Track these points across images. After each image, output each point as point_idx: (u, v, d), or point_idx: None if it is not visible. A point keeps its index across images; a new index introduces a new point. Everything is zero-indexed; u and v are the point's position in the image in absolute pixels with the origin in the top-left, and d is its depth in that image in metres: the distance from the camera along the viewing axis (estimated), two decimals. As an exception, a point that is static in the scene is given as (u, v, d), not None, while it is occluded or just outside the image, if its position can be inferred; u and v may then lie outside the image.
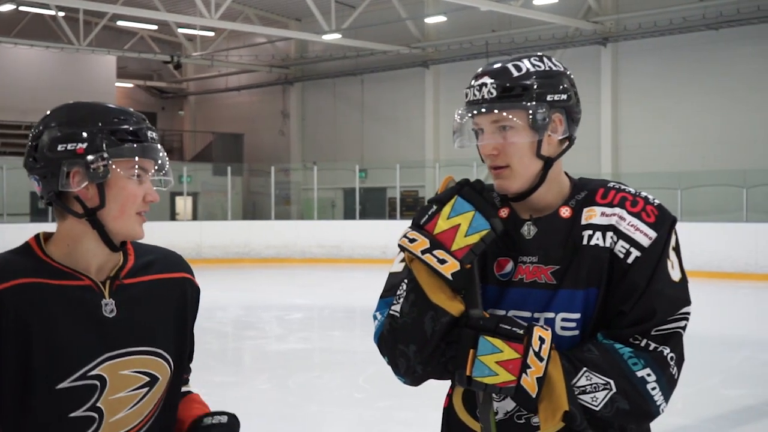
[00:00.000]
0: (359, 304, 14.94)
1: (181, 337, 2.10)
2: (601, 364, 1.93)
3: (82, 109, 1.98)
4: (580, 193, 2.10)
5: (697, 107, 21.53)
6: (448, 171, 24.89)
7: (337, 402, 7.66)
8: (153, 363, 2.01)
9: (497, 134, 2.05)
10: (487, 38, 24.93)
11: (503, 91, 2.03)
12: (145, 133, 1.97)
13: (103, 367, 1.93)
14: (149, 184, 1.98)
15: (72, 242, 1.96)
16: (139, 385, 1.98)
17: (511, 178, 2.05)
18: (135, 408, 1.99)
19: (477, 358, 1.90)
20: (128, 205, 1.94)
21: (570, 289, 2.01)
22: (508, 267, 2.09)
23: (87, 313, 1.92)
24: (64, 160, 1.90)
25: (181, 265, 2.14)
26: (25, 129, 28.81)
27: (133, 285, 2.01)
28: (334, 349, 10.45)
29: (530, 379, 1.88)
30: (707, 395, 7.69)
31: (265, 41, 30.94)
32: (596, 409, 1.92)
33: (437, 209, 1.99)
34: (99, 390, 1.93)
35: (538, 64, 2.09)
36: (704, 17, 21.23)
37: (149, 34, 31.39)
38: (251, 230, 23.41)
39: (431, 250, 1.95)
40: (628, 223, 2.02)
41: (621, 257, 2.00)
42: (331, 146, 29.84)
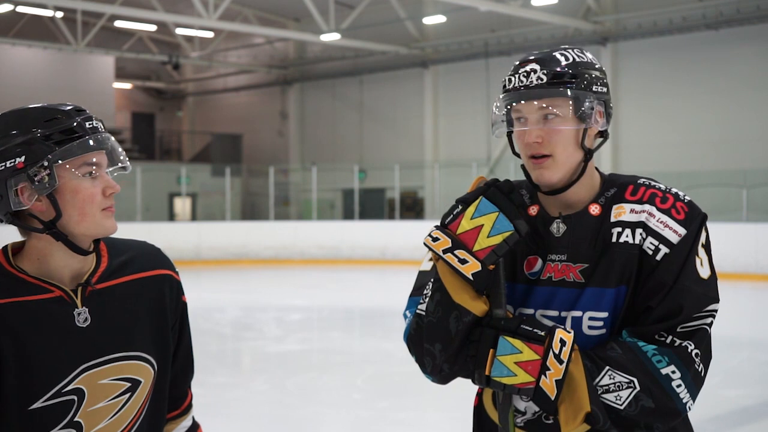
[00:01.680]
0: (358, 305, 14.91)
1: (162, 337, 2.02)
2: (624, 363, 1.92)
3: (12, 119, 1.86)
4: (610, 190, 2.08)
5: (697, 107, 21.50)
6: (447, 171, 24.96)
7: (335, 403, 7.61)
8: (133, 367, 1.94)
9: (541, 122, 2.02)
10: (487, 38, 24.90)
11: (553, 78, 2.01)
12: (82, 125, 1.87)
13: (81, 378, 1.86)
14: (105, 177, 1.89)
15: (42, 256, 1.89)
16: (120, 392, 1.92)
17: (552, 168, 2.02)
18: (116, 416, 1.92)
19: (496, 358, 1.91)
20: (87, 207, 1.86)
21: (598, 287, 2.00)
22: (537, 265, 2.08)
23: (58, 326, 1.85)
24: (8, 179, 1.81)
25: (158, 261, 2.05)
26: (24, 130, 28.76)
27: (106, 289, 1.94)
28: (332, 350, 10.39)
29: (549, 381, 1.88)
30: (706, 396, 7.61)
31: (264, 42, 30.92)
32: (620, 407, 1.90)
33: (462, 209, 1.99)
34: (77, 404, 1.86)
35: (581, 55, 2.08)
36: (704, 17, 21.20)
37: (148, 34, 31.35)
38: (250, 231, 23.37)
39: (453, 250, 1.95)
40: (658, 220, 2.00)
41: (650, 254, 1.99)
42: (330, 147, 29.81)
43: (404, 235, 21.68)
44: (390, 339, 11.35)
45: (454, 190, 24.84)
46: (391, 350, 9.79)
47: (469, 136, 25.63)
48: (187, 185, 26.90)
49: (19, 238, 1.95)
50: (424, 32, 26.62)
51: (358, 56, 27.95)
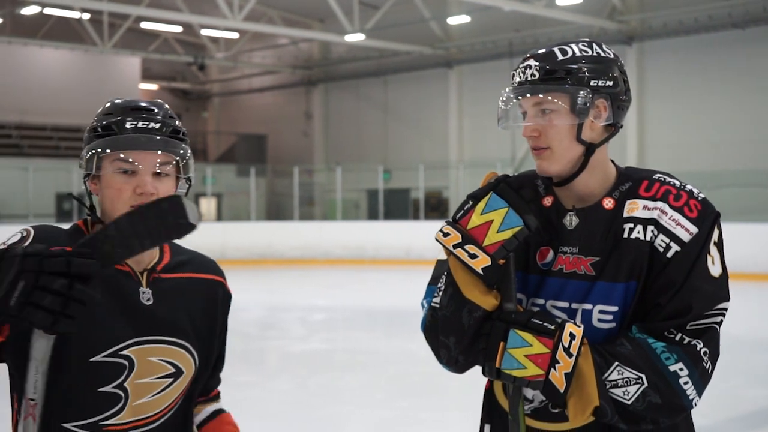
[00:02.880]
0: (382, 305, 14.91)
1: (208, 337, 2.15)
2: (633, 359, 1.95)
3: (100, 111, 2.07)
4: (625, 184, 2.10)
5: (724, 106, 21.34)
6: (471, 172, 24.91)
7: (358, 402, 7.63)
8: (179, 354, 2.05)
9: (539, 116, 2.06)
10: (511, 38, 24.85)
11: (546, 74, 2.05)
12: (121, 124, 1.98)
13: (133, 349, 1.98)
14: (142, 176, 1.98)
15: None
16: (165, 374, 2.03)
17: (550, 159, 2.06)
18: (158, 396, 2.03)
19: (506, 351, 1.94)
20: (115, 200, 1.97)
21: (609, 282, 2.02)
22: (549, 256, 2.11)
23: (125, 297, 1.99)
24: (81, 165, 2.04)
25: (214, 269, 2.21)
26: (51, 131, 29.04)
27: (168, 279, 2.08)
28: (355, 350, 10.41)
29: (558, 374, 1.91)
30: (727, 396, 7.59)
31: (289, 42, 31.00)
32: (628, 402, 1.93)
33: (472, 205, 2.02)
34: (127, 370, 1.98)
35: (585, 49, 2.09)
36: (730, 16, 21.05)
37: (173, 35, 31.55)
38: (275, 231, 23.43)
39: (463, 245, 1.98)
40: (670, 218, 2.02)
41: (661, 251, 2.01)
42: (354, 147, 29.85)
43: (429, 236, 21.46)
44: (413, 339, 11.33)
45: (478, 190, 24.79)
46: (414, 350, 9.78)
47: (494, 135, 25.56)
48: (213, 185, 27.02)
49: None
50: (449, 32, 26.60)
51: (383, 56, 27.97)
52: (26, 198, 23.16)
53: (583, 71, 2.04)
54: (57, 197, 25.49)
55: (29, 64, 29.16)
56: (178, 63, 33.06)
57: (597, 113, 2.06)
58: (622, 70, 2.12)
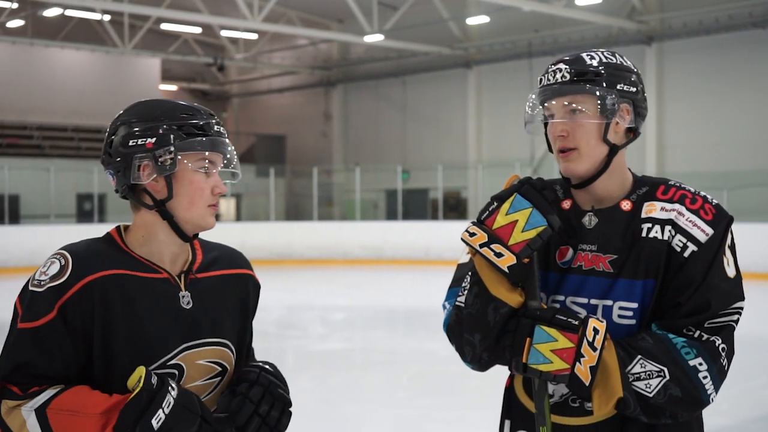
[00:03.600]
0: (401, 305, 14.95)
1: (242, 330, 2.20)
2: (655, 352, 2.02)
3: (153, 106, 2.08)
4: (642, 189, 2.19)
5: (744, 106, 21.24)
6: (490, 172, 24.90)
7: (378, 401, 7.67)
8: (223, 353, 2.11)
9: (567, 117, 2.14)
10: (530, 38, 24.82)
11: (576, 76, 2.14)
12: (212, 127, 2.07)
13: (182, 356, 2.03)
14: (217, 177, 2.08)
15: (146, 233, 2.06)
16: (213, 374, 2.09)
17: (577, 160, 2.14)
18: (209, 397, 2.09)
19: (533, 347, 2.01)
20: (196, 197, 2.04)
21: (629, 279, 2.10)
22: (568, 254, 2.19)
23: (167, 304, 2.03)
24: (135, 155, 2.01)
25: (243, 263, 2.25)
26: (72, 131, 29.23)
27: (204, 279, 2.12)
28: (376, 350, 10.46)
29: (584, 367, 1.98)
30: (751, 396, 7.58)
31: (308, 43, 31.08)
32: (649, 395, 2.00)
33: (497, 206, 2.10)
34: (177, 379, 2.01)
35: (610, 57, 2.19)
36: (751, 15, 20.95)
37: (193, 36, 31.70)
38: (294, 231, 23.49)
39: (489, 244, 2.06)
40: (687, 219, 2.11)
41: (678, 251, 2.09)
42: (373, 147, 29.89)
43: (447, 236, 21.63)
44: (433, 339, 11.37)
45: (497, 190, 24.10)
46: (435, 349, 9.82)
47: (513, 136, 25.54)
48: (232, 186, 26.95)
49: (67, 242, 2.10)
50: (468, 32, 26.60)
51: (402, 57, 27.99)
52: (48, 198, 23.31)
53: (610, 76, 2.14)
54: (78, 197, 25.67)
55: (50, 66, 29.38)
56: (197, 64, 33.21)
57: (621, 116, 2.15)
58: (641, 79, 2.23)
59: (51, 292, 1.94)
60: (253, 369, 2.06)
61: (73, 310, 1.93)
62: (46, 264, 2.00)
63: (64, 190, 24.49)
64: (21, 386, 1.93)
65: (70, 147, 28.67)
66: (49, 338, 1.93)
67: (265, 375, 2.05)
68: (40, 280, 1.97)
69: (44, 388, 1.93)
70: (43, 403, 1.90)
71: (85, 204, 25.34)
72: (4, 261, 19.80)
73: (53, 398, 1.90)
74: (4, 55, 28.31)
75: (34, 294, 1.96)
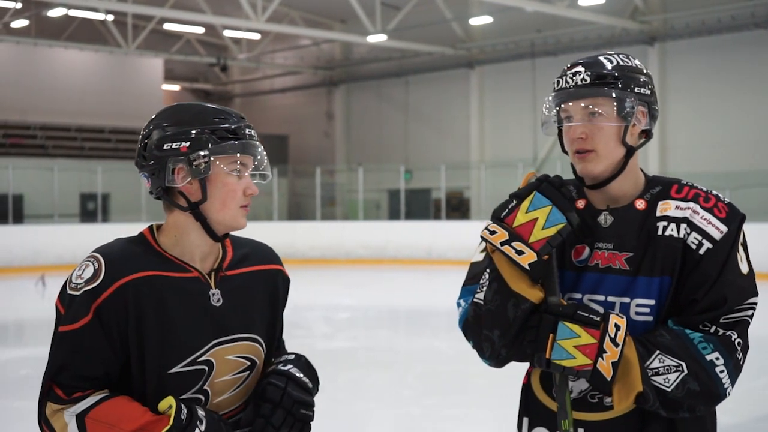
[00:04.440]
0: (405, 305, 14.99)
1: (272, 325, 2.25)
2: (673, 348, 2.06)
3: (187, 110, 2.13)
4: (655, 188, 2.23)
5: (746, 107, 21.27)
6: (492, 172, 24.93)
7: (385, 399, 7.71)
8: (252, 348, 2.17)
9: (586, 120, 2.17)
10: (533, 39, 24.86)
11: (596, 79, 2.17)
12: (243, 131, 2.12)
13: (212, 352, 2.09)
14: (249, 179, 2.13)
15: (179, 233, 2.13)
16: (242, 369, 2.15)
17: (595, 161, 2.17)
18: (238, 390, 2.15)
19: (556, 342, 2.05)
20: (229, 199, 2.10)
21: (646, 277, 2.13)
22: (585, 253, 2.22)
23: (197, 302, 2.09)
24: (169, 158, 2.07)
25: (273, 258, 2.31)
26: (75, 131, 29.27)
27: (234, 276, 2.17)
28: (381, 348, 10.50)
29: (606, 363, 2.02)
30: (756, 395, 7.62)
31: (310, 43, 31.12)
32: (668, 389, 2.04)
33: (517, 203, 2.15)
34: (207, 374, 2.08)
35: (626, 60, 2.23)
36: (753, 16, 20.98)
37: (196, 36, 31.74)
38: (296, 231, 23.52)
39: (510, 242, 2.10)
40: (701, 217, 2.14)
41: (693, 248, 2.12)
42: (375, 147, 29.93)
43: (450, 236, 21.71)
44: (438, 338, 11.43)
45: (500, 190, 24.78)
46: (441, 348, 9.87)
47: (515, 136, 25.59)
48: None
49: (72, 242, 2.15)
50: (470, 33, 26.63)
51: (404, 57, 28.03)
52: (51, 198, 23.36)
53: (628, 78, 2.18)
54: (81, 197, 25.72)
55: (54, 66, 29.42)
56: (200, 64, 33.26)
57: (638, 118, 2.19)
58: (653, 82, 2.26)
59: (87, 295, 2.01)
60: (279, 384, 2.10)
61: (108, 312, 2.01)
62: (81, 267, 2.07)
63: (67, 190, 24.53)
64: (65, 389, 2.02)
65: (73, 147, 28.72)
66: (87, 340, 2.01)
67: (290, 394, 2.09)
68: (76, 283, 2.04)
69: (87, 393, 2.01)
70: (83, 410, 1.99)
71: (89, 204, 25.40)
72: (8, 260, 19.85)
73: (93, 407, 1.99)
74: (8, 55, 28.36)
75: (72, 297, 2.04)
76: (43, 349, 2.21)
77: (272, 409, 2.07)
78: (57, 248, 20.29)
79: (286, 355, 2.21)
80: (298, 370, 2.15)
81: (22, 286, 17.20)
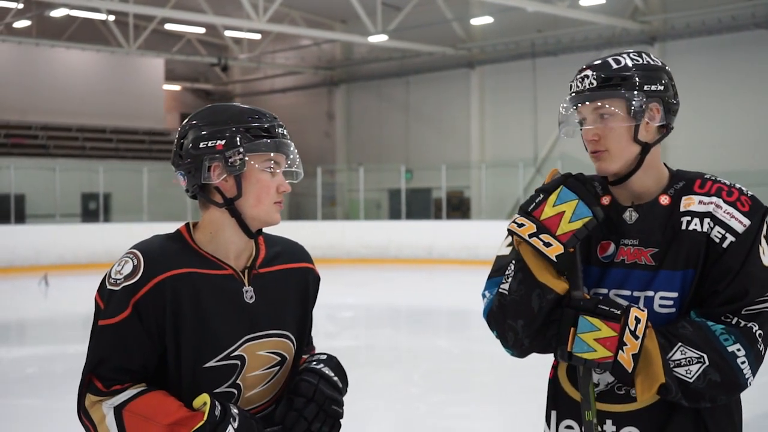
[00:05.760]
0: (407, 304, 15.04)
1: (302, 321, 2.31)
2: (694, 339, 2.10)
3: (222, 110, 2.20)
4: (678, 183, 2.27)
5: (746, 106, 21.33)
6: (493, 172, 24.98)
7: (391, 397, 7.75)
8: (283, 344, 2.23)
9: (598, 121, 2.23)
10: (533, 39, 24.91)
11: (602, 82, 2.23)
12: (276, 130, 2.20)
13: (244, 347, 2.15)
14: (281, 176, 2.20)
15: (214, 230, 2.19)
16: (272, 364, 2.21)
17: (608, 160, 2.23)
18: (268, 384, 2.22)
19: (577, 336, 2.10)
20: (263, 195, 2.16)
21: (669, 270, 2.18)
22: (611, 249, 2.27)
23: (231, 299, 2.15)
24: (206, 156, 2.14)
25: (304, 256, 2.37)
26: (76, 131, 29.32)
27: (266, 274, 2.24)
28: (386, 347, 10.55)
29: (626, 355, 2.07)
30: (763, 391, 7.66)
31: (311, 43, 31.15)
32: (690, 381, 2.08)
33: (544, 197, 2.20)
34: (239, 368, 2.15)
35: (636, 58, 2.27)
36: (753, 16, 21.04)
37: (196, 37, 31.77)
38: (297, 231, 23.23)
39: (538, 234, 2.16)
40: (725, 211, 2.18)
41: (717, 242, 2.17)
42: (376, 147, 29.97)
43: (451, 235, 21.77)
44: (440, 336, 11.49)
45: (500, 190, 24.86)
46: (444, 347, 9.93)
47: (516, 136, 25.64)
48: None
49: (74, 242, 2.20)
50: (471, 33, 26.68)
51: (405, 57, 28.07)
52: (53, 198, 23.41)
53: (636, 77, 2.22)
54: (83, 197, 25.76)
55: (55, 66, 29.46)
56: (201, 64, 33.29)
57: (651, 115, 2.24)
58: (670, 76, 2.30)
59: (126, 290, 2.08)
60: (312, 380, 2.17)
61: (147, 307, 2.07)
62: (120, 263, 2.13)
63: (69, 190, 24.58)
64: (104, 382, 2.08)
65: (74, 147, 28.76)
66: (126, 334, 2.08)
67: (322, 390, 2.16)
68: (116, 279, 2.11)
69: (126, 387, 2.08)
70: (121, 403, 2.05)
71: (90, 203, 25.44)
72: (10, 260, 19.88)
73: (131, 400, 2.05)
74: (10, 55, 28.41)
75: (112, 292, 2.10)
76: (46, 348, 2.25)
77: (305, 403, 2.14)
78: (59, 248, 20.34)
79: (319, 355, 2.27)
80: (329, 369, 2.21)
81: (24, 286, 17.25)
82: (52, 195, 23.47)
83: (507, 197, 24.72)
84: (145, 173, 23.84)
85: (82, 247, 20.41)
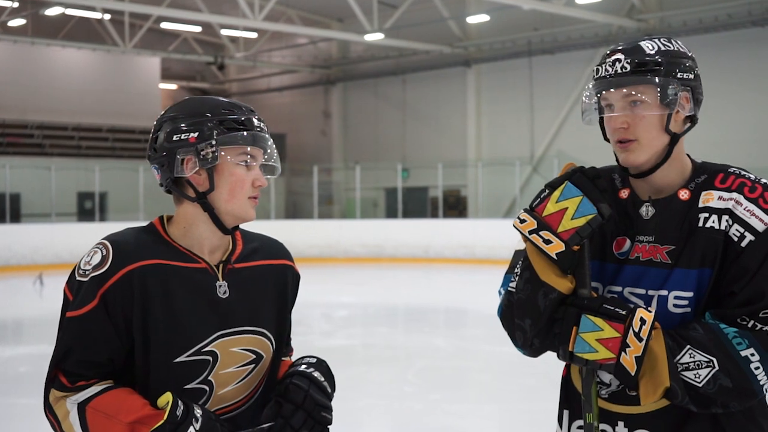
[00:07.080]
0: (404, 303, 15.02)
1: (281, 319, 2.26)
2: (704, 342, 2.00)
3: (195, 103, 2.16)
4: (701, 176, 2.18)
5: (743, 105, 21.32)
6: (489, 170, 24.97)
7: (387, 395, 7.74)
8: (258, 342, 2.17)
9: (627, 109, 2.12)
10: (530, 37, 24.89)
11: (637, 66, 2.10)
12: (252, 122, 2.14)
13: (216, 343, 2.10)
14: (258, 171, 2.15)
15: (187, 224, 2.14)
16: (246, 361, 2.15)
17: (637, 151, 2.12)
18: (242, 383, 2.16)
19: (579, 335, 2.02)
20: (237, 189, 2.11)
21: (684, 269, 2.08)
22: (626, 245, 2.18)
23: (203, 293, 2.10)
24: (178, 149, 2.09)
25: (283, 253, 2.32)
26: (72, 130, 29.26)
27: (242, 269, 2.18)
28: (382, 345, 10.53)
29: (629, 357, 1.98)
30: None
31: (307, 42, 31.12)
32: (699, 385, 1.99)
33: (548, 193, 2.11)
34: (211, 365, 2.10)
35: (667, 44, 2.16)
36: (750, 14, 21.03)
37: (193, 35, 31.72)
38: (294, 230, 23.51)
39: (538, 231, 2.07)
40: (745, 208, 2.08)
41: (735, 240, 2.06)
42: (372, 146, 29.94)
43: (447, 234, 21.75)
44: (436, 335, 11.47)
45: (497, 188, 24.86)
46: (440, 345, 9.91)
47: (513, 134, 25.63)
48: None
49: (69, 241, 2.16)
50: (467, 31, 26.66)
51: (401, 56, 28.05)
52: (49, 197, 23.35)
53: (670, 64, 2.12)
54: (78, 196, 25.72)
55: (51, 65, 29.39)
56: (197, 63, 33.26)
57: (681, 105, 2.13)
58: (696, 64, 2.20)
59: (94, 281, 2.03)
60: (302, 385, 2.12)
61: (114, 298, 2.02)
62: (89, 254, 2.08)
63: (64, 189, 24.54)
64: (70, 377, 2.04)
65: (70, 146, 28.70)
66: (93, 326, 2.03)
67: (312, 396, 2.11)
68: (84, 270, 2.06)
69: (92, 383, 2.03)
70: (84, 400, 2.01)
71: (86, 202, 25.40)
72: (6, 259, 19.85)
73: (95, 397, 2.01)
74: (5, 54, 28.33)
75: (81, 284, 2.05)
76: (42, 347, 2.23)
77: (293, 410, 2.10)
78: (55, 247, 20.29)
79: (308, 358, 2.22)
80: (320, 374, 2.16)
81: (20, 285, 17.22)
82: (47, 194, 23.42)
83: (503, 196, 24.71)
84: (141, 172, 23.79)
85: (78, 246, 20.32)
